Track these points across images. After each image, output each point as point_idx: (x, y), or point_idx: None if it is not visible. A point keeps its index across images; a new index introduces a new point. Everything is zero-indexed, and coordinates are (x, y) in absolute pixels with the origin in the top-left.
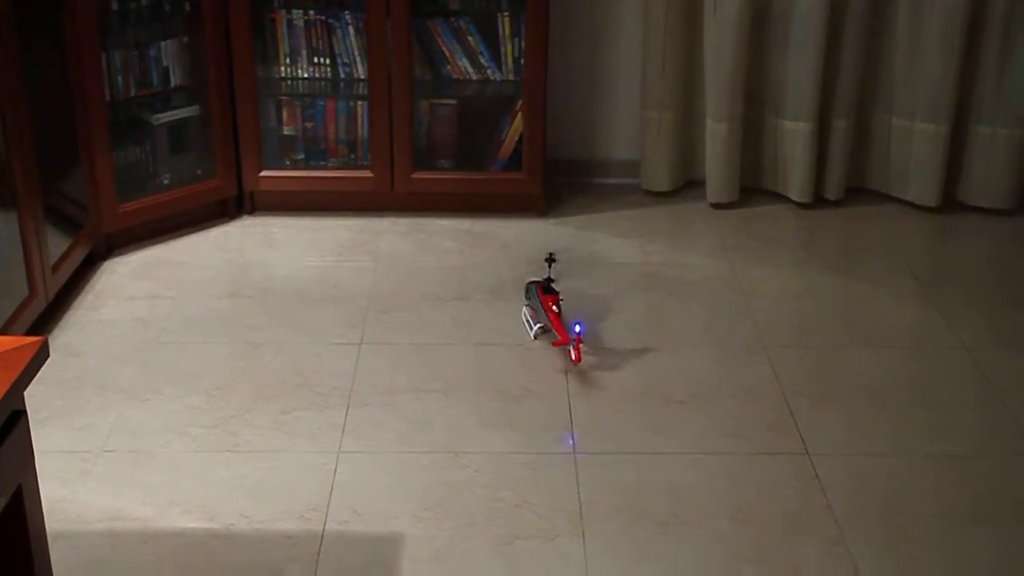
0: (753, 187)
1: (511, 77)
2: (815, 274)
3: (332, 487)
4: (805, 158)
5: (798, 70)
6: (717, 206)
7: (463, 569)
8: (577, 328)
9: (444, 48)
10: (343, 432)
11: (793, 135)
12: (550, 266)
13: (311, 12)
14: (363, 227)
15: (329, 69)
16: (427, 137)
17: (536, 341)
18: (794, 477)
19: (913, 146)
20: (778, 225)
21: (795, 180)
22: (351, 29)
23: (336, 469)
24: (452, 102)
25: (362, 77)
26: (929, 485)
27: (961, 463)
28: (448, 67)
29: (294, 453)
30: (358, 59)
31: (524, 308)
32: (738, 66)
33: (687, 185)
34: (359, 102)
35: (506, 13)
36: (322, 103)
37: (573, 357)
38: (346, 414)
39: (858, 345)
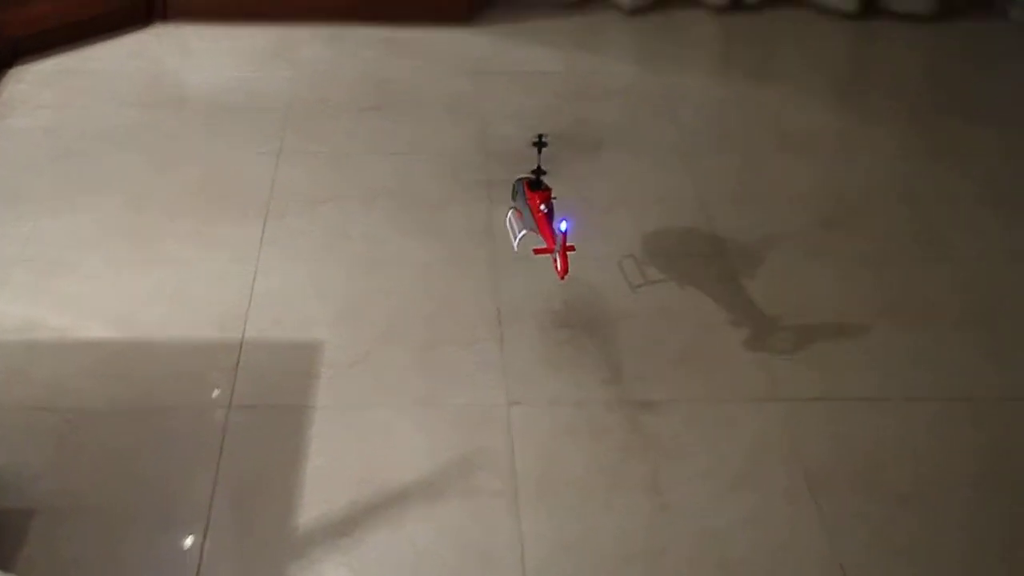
0: None
1: None
2: (736, 81)
3: (251, 296)
4: None
5: None
6: (633, 12)
7: (382, 374)
8: (564, 226)
9: None
10: (262, 242)
11: None
12: (539, 151)
13: None
14: (282, 36)
15: None
16: None
17: (519, 251)
18: (714, 277)
19: None
20: (697, 31)
21: None
22: None
23: (255, 278)
24: None
25: None
26: (847, 289)
27: (877, 268)
28: None
29: (213, 263)
30: None
31: (509, 211)
32: None
33: None
34: None
35: None
36: None
37: (558, 267)
38: (264, 224)
39: (779, 151)
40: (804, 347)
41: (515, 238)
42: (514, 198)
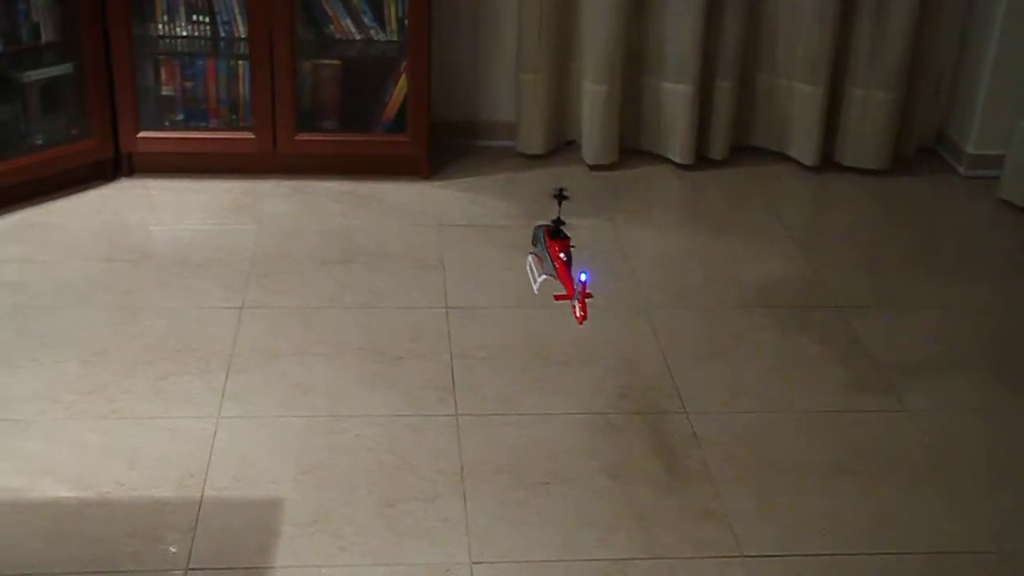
0: (632, 149)
1: (395, 38)
2: (696, 234)
3: (211, 452)
4: (686, 120)
5: (679, 31)
6: (596, 168)
7: (344, 532)
8: (583, 277)
9: (327, 7)
10: (223, 397)
11: (674, 97)
12: (559, 204)
13: None
14: (246, 189)
15: (208, 27)
16: (311, 98)
17: (540, 294)
18: (672, 435)
19: (793, 106)
20: (659, 186)
21: (676, 142)
22: None
23: (215, 434)
24: (336, 62)
25: (243, 36)
26: (802, 440)
27: (831, 417)
28: (331, 27)
29: (172, 419)
30: (238, 17)
31: (529, 256)
32: (617, 27)
33: (566, 146)
34: (240, 62)
35: None
36: (202, 62)
37: (578, 314)
38: (226, 379)
39: (737, 305)
40: (764, 502)
41: (535, 282)
42: (534, 244)
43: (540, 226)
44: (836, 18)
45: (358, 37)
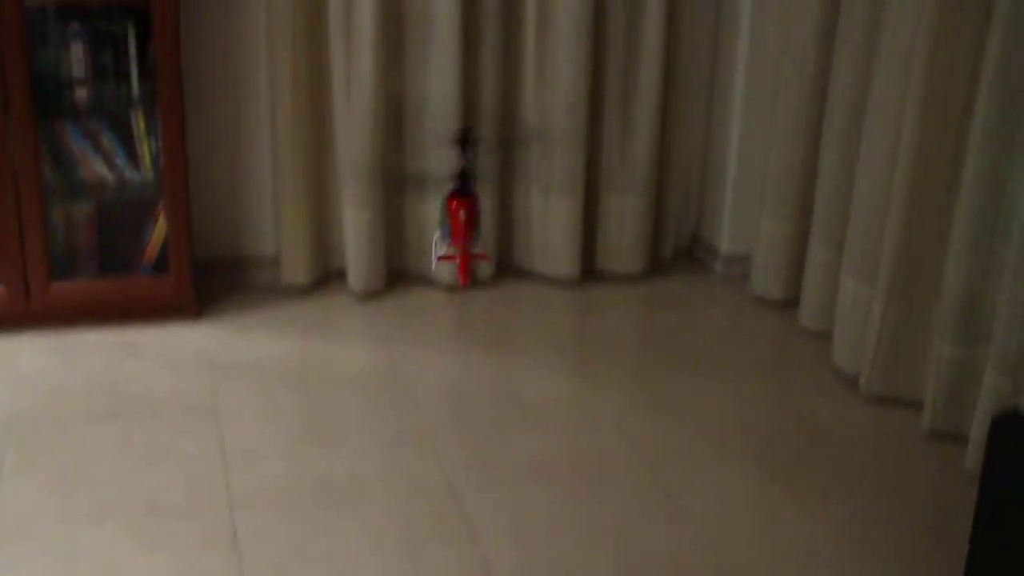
0: (397, 270)
1: (150, 177)
2: (471, 355)
3: None
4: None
5: (437, 154)
6: (364, 295)
7: None
8: (462, 215)
9: (75, 150)
10: None
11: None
12: (463, 149)
13: None
14: None
15: None
16: (65, 245)
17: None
18: (460, 564)
19: (549, 222)
20: (429, 310)
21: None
22: None
23: None
24: (89, 207)
25: None
26: (596, 557)
27: (621, 534)
28: (81, 170)
29: None
30: None
31: (436, 232)
32: (376, 153)
33: (331, 275)
34: None
35: (140, 111)
36: None
37: (460, 279)
38: None
39: (516, 425)
40: None
41: (432, 262)
42: (441, 220)
43: (446, 193)
44: (585, 127)
45: (111, 178)
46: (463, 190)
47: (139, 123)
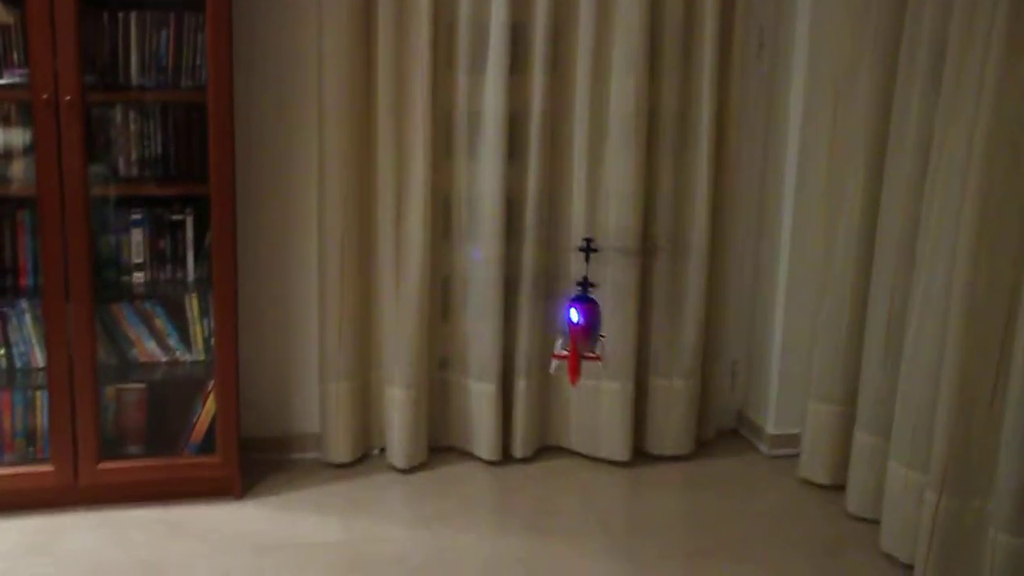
0: (438, 446)
1: (202, 357)
2: (515, 535)
3: None
4: (491, 417)
5: (480, 332)
6: (405, 471)
7: None
8: (574, 315)
9: (130, 331)
10: None
11: (479, 396)
12: (587, 258)
13: None
14: (43, 527)
15: (4, 359)
16: (115, 424)
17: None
18: None
19: (601, 403)
20: (471, 487)
21: (483, 439)
22: (27, 316)
23: None
24: (140, 386)
25: (40, 366)
26: None
27: None
28: (135, 350)
29: None
30: (36, 346)
31: (557, 340)
32: (420, 332)
33: (373, 452)
34: (38, 391)
35: (194, 294)
36: None
37: (569, 373)
38: None
39: None
40: None
41: (552, 364)
42: (561, 326)
43: (569, 300)
44: (635, 314)
45: (163, 359)
46: (583, 297)
47: (193, 306)
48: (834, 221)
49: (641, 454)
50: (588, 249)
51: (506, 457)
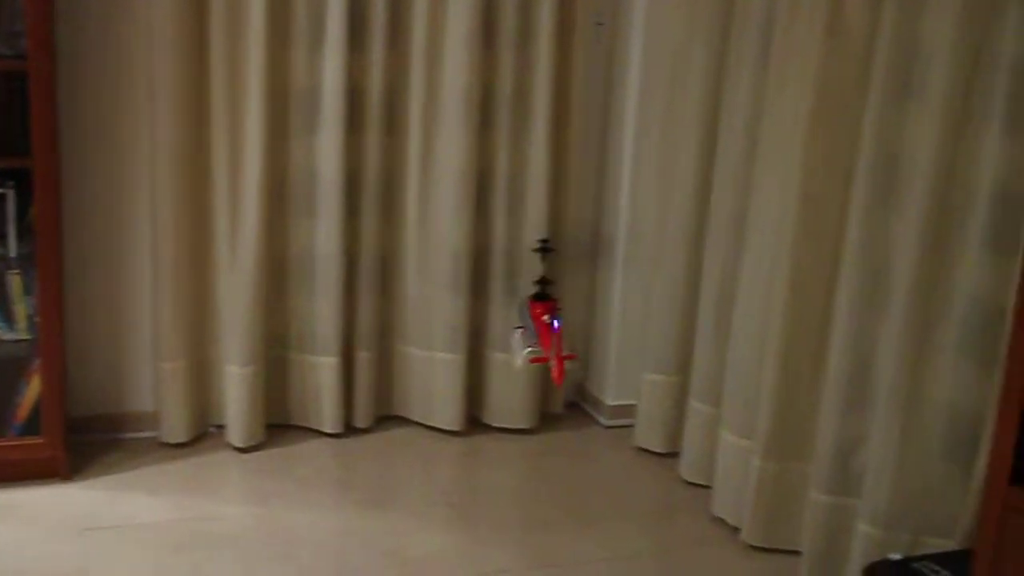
0: (277, 424)
1: (25, 336)
2: (354, 510)
3: None
4: (334, 388)
5: (321, 307)
6: (244, 449)
7: None
8: (555, 324)
9: None
10: None
11: (321, 369)
12: (543, 258)
13: None
14: None
15: None
16: None
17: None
18: None
19: (435, 374)
20: (310, 463)
21: (326, 412)
22: None
23: None
24: None
25: None
26: None
27: None
28: None
29: None
30: None
31: (515, 331)
32: (257, 308)
33: (209, 431)
34: None
35: (16, 272)
36: None
37: (555, 375)
38: None
39: None
40: None
41: (519, 357)
42: (520, 319)
43: (526, 298)
44: (467, 291)
45: None
46: (542, 295)
47: (15, 283)
48: (668, 198)
49: (482, 426)
50: (544, 249)
51: (348, 429)
